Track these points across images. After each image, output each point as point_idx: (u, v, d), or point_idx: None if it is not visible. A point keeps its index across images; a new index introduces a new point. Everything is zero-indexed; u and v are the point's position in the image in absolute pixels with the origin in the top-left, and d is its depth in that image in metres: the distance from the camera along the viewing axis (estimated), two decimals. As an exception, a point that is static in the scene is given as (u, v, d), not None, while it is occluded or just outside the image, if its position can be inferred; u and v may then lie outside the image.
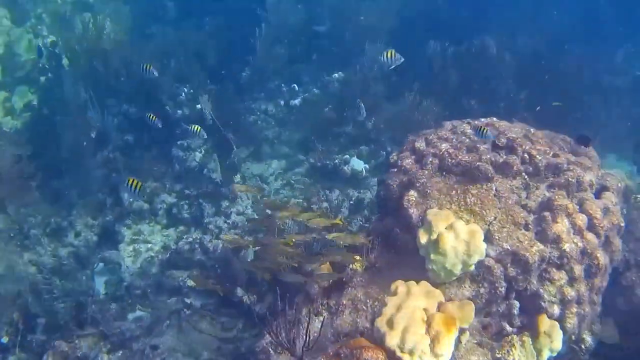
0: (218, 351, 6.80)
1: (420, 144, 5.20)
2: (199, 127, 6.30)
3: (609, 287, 5.29)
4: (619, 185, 5.28)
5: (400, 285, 4.08)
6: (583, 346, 4.92)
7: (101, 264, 8.26)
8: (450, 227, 4.40)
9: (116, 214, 8.59)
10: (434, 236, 4.38)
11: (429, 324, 3.81)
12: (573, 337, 4.88)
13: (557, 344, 4.52)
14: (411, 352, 3.69)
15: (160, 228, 8.71)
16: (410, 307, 3.85)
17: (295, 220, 5.58)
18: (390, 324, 3.79)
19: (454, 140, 5.13)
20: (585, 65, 9.62)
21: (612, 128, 9.32)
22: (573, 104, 8.67)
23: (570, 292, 4.66)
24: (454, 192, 4.83)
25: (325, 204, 8.37)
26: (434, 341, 3.74)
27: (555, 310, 4.66)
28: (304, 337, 4.64)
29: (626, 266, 5.61)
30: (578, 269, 4.67)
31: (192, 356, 6.83)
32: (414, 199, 4.81)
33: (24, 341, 7.01)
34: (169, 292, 7.63)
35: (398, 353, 3.70)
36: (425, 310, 3.90)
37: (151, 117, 6.74)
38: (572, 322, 4.75)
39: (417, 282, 4.20)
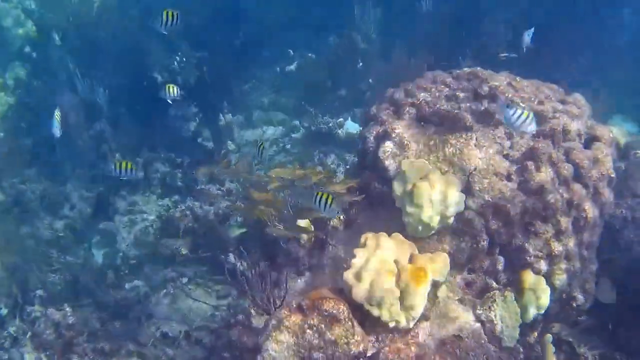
0: (211, 318, 6.77)
1: (399, 94, 4.97)
2: (174, 87, 5.94)
3: (605, 245, 5.09)
4: (611, 135, 5.00)
5: (369, 237, 3.92)
6: (574, 304, 4.72)
7: (97, 236, 8.27)
8: (426, 177, 4.21)
9: (110, 186, 8.55)
10: (409, 187, 4.20)
11: (398, 276, 3.65)
12: (564, 295, 4.68)
13: (544, 300, 4.33)
14: (379, 305, 3.54)
15: (155, 198, 8.66)
16: (379, 259, 3.69)
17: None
18: (358, 276, 3.64)
19: (434, 89, 4.90)
20: (589, 22, 9.20)
21: (616, 88, 8.93)
22: (574, 62, 8.32)
23: (558, 247, 4.45)
24: (432, 142, 4.62)
25: (320, 168, 8.23)
26: (403, 293, 3.59)
27: (542, 265, 4.45)
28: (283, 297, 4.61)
29: (623, 223, 5.37)
30: (564, 222, 4.45)
31: (185, 324, 6.82)
32: (389, 150, 4.62)
33: (23, 313, 7.05)
34: (164, 260, 7.59)
35: (366, 306, 3.55)
36: (395, 262, 3.73)
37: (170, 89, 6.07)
38: (560, 278, 4.55)
39: (390, 234, 4.03)
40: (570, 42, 8.91)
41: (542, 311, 4.44)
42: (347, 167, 8.51)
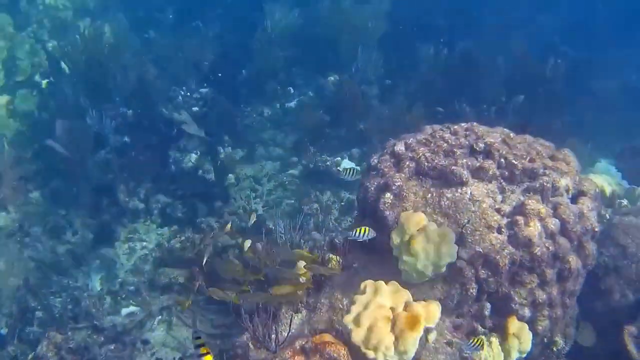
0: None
1: (400, 148, 5.31)
2: None
3: (588, 291, 5.40)
4: (596, 190, 5.36)
5: (368, 285, 4.22)
6: (555, 348, 5.03)
7: (97, 261, 8.47)
8: (422, 229, 4.52)
9: (112, 214, 8.78)
10: (406, 238, 4.51)
11: (394, 322, 3.94)
12: (545, 339, 5.00)
13: (526, 345, 4.63)
14: (375, 349, 3.82)
15: (155, 227, 8.90)
16: (377, 305, 3.98)
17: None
18: (357, 321, 3.92)
19: (432, 144, 5.24)
20: (578, 69, 9.69)
21: (605, 133, 9.38)
22: (563, 108, 8.75)
23: (542, 295, 4.76)
24: (429, 195, 4.95)
25: (316, 205, 8.54)
26: (398, 339, 3.87)
27: (526, 312, 4.76)
28: (282, 333, 4.85)
29: (605, 271, 5.69)
30: (549, 272, 4.76)
31: (179, 351, 7.03)
32: (389, 201, 4.94)
33: (22, 333, 7.23)
34: (161, 288, 7.80)
35: (363, 349, 3.83)
36: (392, 309, 4.03)
37: None
38: (543, 324, 4.86)
39: (387, 282, 4.32)
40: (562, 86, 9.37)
41: (525, 355, 4.76)
42: (342, 203, 8.83)
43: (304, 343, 3.69)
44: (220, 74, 10.53)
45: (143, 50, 10.73)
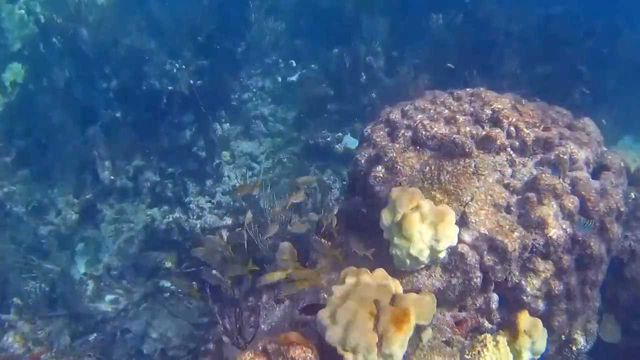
0: (190, 337, 6.44)
1: (395, 115, 4.63)
2: None
3: (611, 279, 4.73)
4: (621, 164, 4.63)
5: (349, 273, 3.56)
6: (574, 347, 4.35)
7: (81, 244, 7.98)
8: (417, 207, 3.85)
9: (97, 192, 8.25)
10: (398, 217, 3.84)
11: (377, 318, 3.28)
12: (562, 336, 4.32)
13: (540, 345, 3.95)
14: (354, 350, 3.17)
15: (144, 207, 8.35)
16: (357, 297, 3.32)
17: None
18: (333, 316, 3.28)
19: (432, 111, 4.55)
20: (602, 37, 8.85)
21: (629, 107, 8.56)
22: (584, 78, 7.96)
23: (558, 286, 4.09)
24: (427, 168, 4.27)
25: (314, 185, 7.89)
26: (382, 339, 3.22)
27: (540, 305, 4.10)
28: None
29: (631, 256, 5.03)
30: (567, 259, 4.08)
31: (162, 342, 6.49)
32: (381, 175, 4.27)
33: (-1, 321, 6.76)
34: (147, 273, 7.28)
35: (339, 350, 3.19)
36: (376, 302, 3.36)
37: None
38: (560, 319, 4.20)
39: (373, 270, 3.66)
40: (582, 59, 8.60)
41: (538, 356, 4.07)
42: (344, 182, 8.18)
43: (266, 343, 3.07)
44: (218, 46, 9.85)
45: (140, 20, 10.08)
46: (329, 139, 8.45)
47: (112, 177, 8.24)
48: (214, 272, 4.87)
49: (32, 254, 7.67)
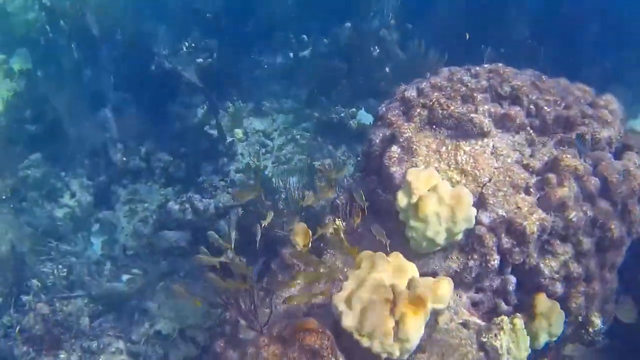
0: (206, 315, 6.47)
1: (411, 93, 4.52)
2: None
3: (630, 260, 4.62)
4: (646, 144, 4.50)
5: (365, 258, 3.51)
6: (591, 329, 4.28)
7: (97, 225, 8.01)
8: (433, 188, 3.77)
9: (111, 174, 8.25)
10: (414, 199, 3.77)
11: (394, 303, 3.24)
12: (580, 318, 4.25)
13: (557, 327, 3.90)
14: (370, 335, 3.14)
15: (157, 187, 8.34)
16: (373, 283, 3.28)
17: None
18: (349, 302, 3.24)
19: (449, 88, 4.43)
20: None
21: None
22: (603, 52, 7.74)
23: (577, 269, 4.01)
24: (444, 148, 4.18)
25: (328, 161, 7.81)
26: (398, 324, 3.18)
27: (558, 288, 4.02)
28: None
29: (651, 238, 4.89)
30: (586, 242, 4.00)
31: (177, 321, 6.54)
32: (396, 156, 4.19)
33: (18, 302, 6.83)
34: (162, 253, 7.30)
35: (355, 335, 3.16)
36: (392, 287, 3.32)
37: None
38: (577, 302, 4.12)
39: (388, 254, 3.61)
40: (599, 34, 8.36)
41: (555, 338, 4.03)
42: (358, 158, 8.08)
43: (282, 329, 3.04)
44: (227, 23, 9.71)
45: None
46: (342, 115, 8.34)
47: (124, 159, 8.22)
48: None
49: (48, 236, 7.71)
